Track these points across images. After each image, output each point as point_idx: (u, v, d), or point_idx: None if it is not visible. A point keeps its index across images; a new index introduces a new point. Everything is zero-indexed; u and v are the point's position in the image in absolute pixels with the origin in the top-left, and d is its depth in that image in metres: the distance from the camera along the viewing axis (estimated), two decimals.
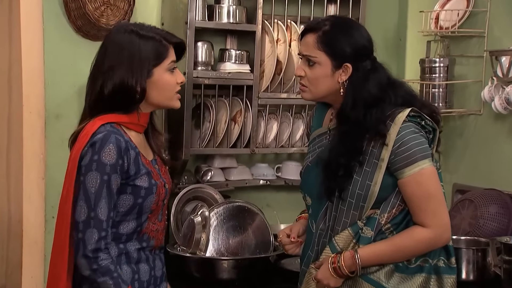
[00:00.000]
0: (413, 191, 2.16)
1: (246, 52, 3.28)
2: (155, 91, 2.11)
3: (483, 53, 3.32)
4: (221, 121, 3.26)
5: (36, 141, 3.01)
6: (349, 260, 2.17)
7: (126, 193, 2.06)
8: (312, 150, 2.37)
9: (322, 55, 2.22)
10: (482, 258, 2.83)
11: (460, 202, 3.23)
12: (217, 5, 3.24)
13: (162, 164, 2.22)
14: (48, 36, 3.05)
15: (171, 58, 2.12)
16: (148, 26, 2.14)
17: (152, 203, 2.10)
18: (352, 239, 2.21)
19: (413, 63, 3.62)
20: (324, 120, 2.38)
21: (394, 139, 2.15)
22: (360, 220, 2.20)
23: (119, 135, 2.03)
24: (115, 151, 2.00)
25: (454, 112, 3.43)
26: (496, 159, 3.31)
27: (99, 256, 1.99)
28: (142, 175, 2.07)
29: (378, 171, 2.17)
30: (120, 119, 2.08)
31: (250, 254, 2.93)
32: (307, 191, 2.35)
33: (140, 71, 2.06)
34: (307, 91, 2.28)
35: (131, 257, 2.11)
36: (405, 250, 2.19)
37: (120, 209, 2.07)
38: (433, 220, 2.17)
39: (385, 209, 2.19)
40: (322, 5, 3.41)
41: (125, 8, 3.09)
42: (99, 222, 1.99)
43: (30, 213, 3.01)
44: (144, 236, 2.13)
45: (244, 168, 3.46)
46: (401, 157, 2.15)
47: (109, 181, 2.00)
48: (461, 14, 3.37)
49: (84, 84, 3.08)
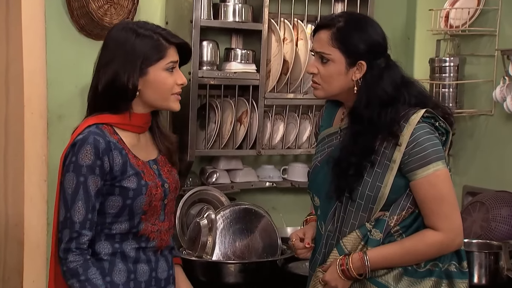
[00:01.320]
0: (426, 193, 2.13)
1: (252, 51, 3.27)
2: (149, 90, 2.10)
3: (494, 52, 3.31)
4: (226, 122, 3.25)
5: (38, 143, 3.00)
6: (357, 262, 2.15)
7: (114, 194, 2.06)
8: (321, 150, 2.34)
9: (336, 52, 2.18)
10: (494, 262, 2.81)
11: (471, 204, 3.22)
12: (222, 3, 3.22)
13: (166, 163, 2.21)
14: (50, 35, 3.03)
15: (170, 58, 2.11)
16: (150, 25, 2.13)
17: (142, 204, 2.08)
18: (360, 241, 2.19)
19: (422, 62, 3.61)
20: (335, 119, 2.35)
21: (408, 140, 2.13)
22: (368, 222, 2.18)
23: (101, 136, 2.04)
24: (92, 152, 2.01)
25: (464, 112, 3.42)
26: (507, 160, 3.29)
27: (67, 257, 2.00)
28: (129, 176, 2.07)
29: (389, 172, 2.14)
30: (110, 120, 2.10)
31: (257, 257, 2.92)
32: (315, 191, 2.32)
33: (131, 68, 2.06)
34: (320, 88, 2.24)
35: (127, 256, 2.10)
36: (415, 253, 2.16)
37: (110, 211, 2.07)
38: (445, 224, 2.14)
39: (395, 212, 2.16)
40: (329, 4, 3.40)
41: (129, 6, 3.09)
42: (72, 223, 2.01)
43: (31, 216, 3.00)
44: (143, 237, 2.12)
45: (249, 170, 3.44)
46: (415, 158, 2.13)
47: (85, 182, 2.01)
48: (471, 12, 3.35)
49: (87, 84, 3.08)
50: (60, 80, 3.07)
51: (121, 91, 2.07)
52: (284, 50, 3.27)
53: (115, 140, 2.07)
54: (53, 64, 3.04)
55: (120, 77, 2.05)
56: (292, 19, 3.31)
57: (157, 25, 2.15)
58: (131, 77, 2.05)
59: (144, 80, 2.08)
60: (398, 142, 2.13)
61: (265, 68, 3.24)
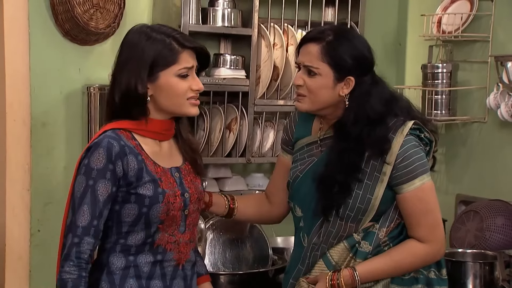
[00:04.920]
0: (413, 207, 2.17)
1: (241, 57, 3.24)
2: (162, 96, 2.07)
3: (488, 58, 3.30)
4: (215, 129, 3.22)
5: (20, 151, 2.97)
6: (348, 278, 2.16)
7: (130, 202, 2.02)
8: (300, 159, 2.32)
9: (325, 67, 2.17)
10: (489, 272, 2.78)
11: (465, 213, 3.21)
12: (211, 8, 3.21)
13: (190, 172, 2.16)
14: (34, 40, 3.01)
15: (183, 64, 2.06)
16: (164, 29, 2.10)
17: (159, 213, 2.03)
18: (348, 253, 2.20)
19: (414, 68, 3.61)
20: (313, 128, 2.33)
21: (397, 153, 2.14)
22: (356, 233, 2.20)
23: (115, 140, 2.01)
24: (104, 156, 1.98)
25: (457, 119, 3.41)
26: (501, 168, 3.28)
27: (64, 265, 1.97)
28: (145, 183, 2.03)
29: (380, 184, 2.16)
30: (128, 125, 2.07)
31: (248, 268, 2.87)
32: (298, 202, 2.31)
33: (140, 73, 2.03)
34: (305, 101, 2.22)
35: (141, 271, 2.05)
36: (403, 266, 2.20)
37: (126, 219, 2.03)
38: (431, 235, 2.19)
39: (384, 224, 2.20)
40: (320, 9, 3.38)
41: (115, 11, 3.06)
42: (75, 227, 1.97)
43: (13, 226, 2.98)
44: (159, 249, 2.07)
45: (239, 178, 3.41)
46: (402, 172, 2.15)
47: (94, 186, 1.97)
48: (464, 17, 3.35)
49: (72, 90, 3.10)
50: (44, 86, 3.03)
51: (133, 96, 2.04)
52: (274, 56, 3.25)
53: (132, 145, 2.05)
54: (37, 69, 3.01)
55: (131, 82, 2.03)
56: (282, 24, 3.29)
57: (174, 29, 2.11)
58: (140, 82, 2.03)
59: (155, 86, 2.06)
60: (387, 156, 2.13)
61: (255, 74, 3.22)
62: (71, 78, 3.06)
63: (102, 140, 2.00)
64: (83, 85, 3.05)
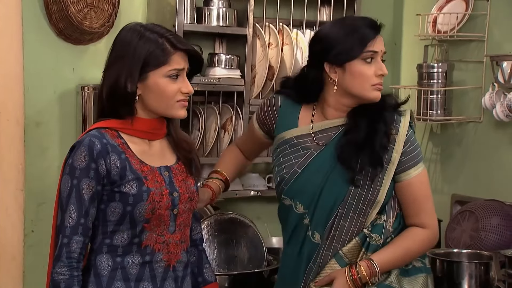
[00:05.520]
0: (417, 191, 2.23)
1: (236, 56, 3.25)
2: (150, 96, 2.04)
3: (483, 58, 3.29)
4: (210, 129, 3.22)
5: (14, 151, 2.96)
6: (368, 269, 2.19)
7: (115, 200, 2.00)
8: (291, 152, 2.27)
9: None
10: (485, 273, 2.77)
11: (460, 213, 3.20)
12: (206, 7, 3.21)
13: (182, 172, 2.13)
14: (28, 40, 2.99)
15: (174, 65, 2.03)
16: (158, 28, 2.06)
17: (144, 212, 2.00)
18: (360, 248, 2.22)
19: (409, 68, 3.61)
20: (300, 119, 2.29)
21: (403, 140, 2.20)
22: (365, 228, 2.22)
23: (97, 138, 1.99)
24: (86, 154, 1.97)
25: (452, 119, 3.41)
26: (497, 168, 3.27)
27: (55, 266, 1.96)
28: (129, 181, 2.00)
29: (388, 174, 2.20)
30: (114, 124, 2.04)
31: (243, 268, 2.88)
32: (300, 198, 2.25)
33: (130, 71, 2.01)
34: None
35: (128, 273, 2.02)
36: (411, 252, 2.25)
37: (111, 218, 2.01)
38: (432, 220, 2.26)
39: (390, 214, 2.24)
40: (315, 8, 3.39)
41: (110, 10, 3.05)
42: (64, 228, 1.97)
43: (7, 227, 2.96)
44: (147, 249, 2.04)
45: None
46: (409, 157, 2.21)
47: (78, 185, 1.96)
48: (460, 17, 3.34)
49: (66, 89, 3.08)
50: (37, 85, 3.02)
51: (121, 95, 2.01)
52: (269, 55, 3.25)
53: (116, 143, 2.02)
54: (31, 69, 3.00)
55: (120, 80, 2.00)
56: (277, 24, 3.29)
57: (167, 29, 2.08)
58: (129, 81, 2.00)
59: (144, 85, 2.02)
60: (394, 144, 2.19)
61: (250, 74, 3.22)
62: (65, 78, 3.05)
63: (84, 139, 1.99)
64: (77, 85, 3.04)
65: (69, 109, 3.05)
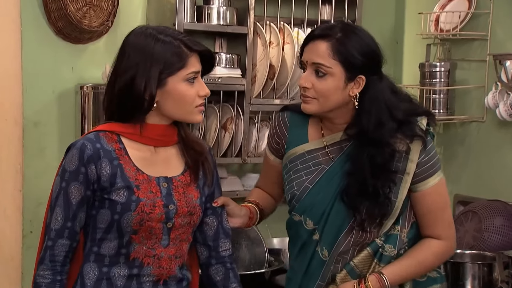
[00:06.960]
0: (434, 202, 2.14)
1: (237, 55, 3.22)
2: (169, 102, 1.96)
3: (486, 57, 3.30)
4: (210, 129, 3.20)
5: (12, 151, 2.94)
6: (376, 283, 2.11)
7: (104, 207, 1.95)
8: (302, 168, 2.18)
9: (337, 66, 2.05)
10: (488, 273, 2.78)
11: (463, 214, 3.23)
12: (206, 6, 3.19)
13: (185, 184, 2.03)
14: (26, 39, 2.97)
15: (191, 68, 1.96)
16: (170, 31, 1.99)
17: (131, 222, 1.93)
18: (372, 259, 2.14)
19: (411, 67, 3.60)
20: (309, 133, 2.21)
21: (419, 149, 2.11)
22: (378, 238, 2.14)
23: (90, 142, 1.94)
24: (76, 158, 1.93)
25: (455, 119, 3.41)
26: (500, 168, 3.28)
27: (38, 268, 1.94)
28: (119, 189, 1.94)
29: (403, 185, 2.11)
30: (117, 128, 1.98)
31: (244, 269, 2.87)
32: (310, 215, 2.16)
33: (150, 77, 1.92)
34: (314, 103, 2.10)
35: (114, 284, 1.96)
36: (426, 265, 2.18)
37: (100, 225, 1.96)
38: (449, 232, 2.18)
39: (404, 224, 2.15)
40: (316, 7, 3.36)
41: (109, 9, 3.03)
42: (49, 230, 1.95)
43: (5, 227, 2.94)
44: (136, 262, 1.97)
45: (234, 178, 3.37)
46: (426, 167, 2.12)
47: (66, 188, 1.94)
48: (462, 16, 3.34)
49: (65, 89, 3.06)
50: (36, 85, 3.00)
51: (137, 101, 1.93)
52: (270, 55, 3.22)
53: (112, 148, 1.95)
54: (29, 68, 2.98)
55: (137, 86, 1.92)
56: (278, 22, 3.27)
57: (178, 31, 2.03)
58: (149, 87, 1.92)
59: (163, 92, 1.94)
60: (410, 154, 2.09)
61: (251, 73, 3.20)
62: (64, 77, 3.03)
63: (77, 141, 1.95)
64: (76, 84, 3.02)
65: (68, 109, 3.03)
